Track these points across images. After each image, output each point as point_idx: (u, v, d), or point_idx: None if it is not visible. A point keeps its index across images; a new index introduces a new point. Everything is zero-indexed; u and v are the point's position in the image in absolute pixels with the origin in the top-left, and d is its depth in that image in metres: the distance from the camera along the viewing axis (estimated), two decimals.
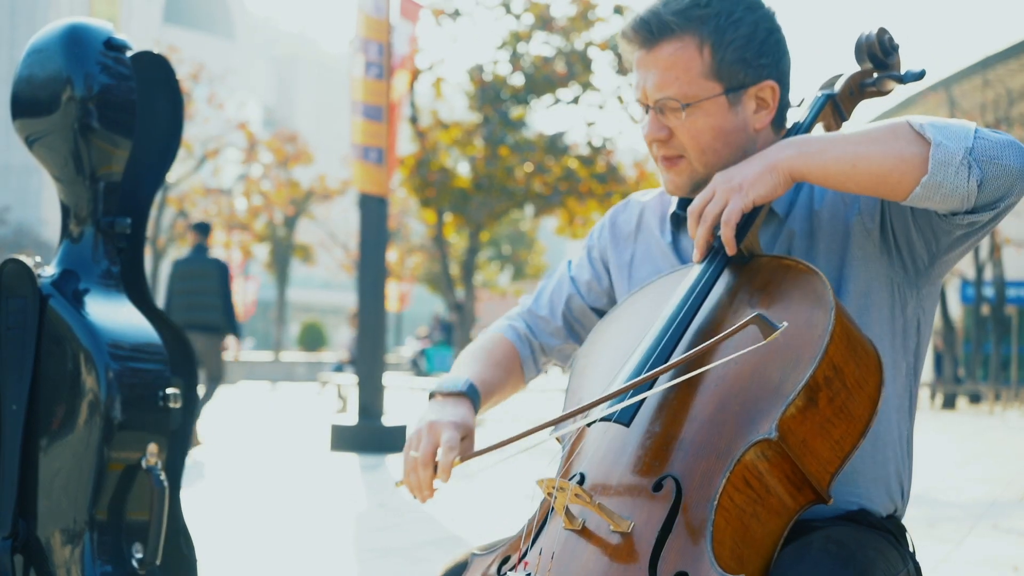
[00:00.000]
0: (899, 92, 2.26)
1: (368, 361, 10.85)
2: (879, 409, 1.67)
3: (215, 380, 10.57)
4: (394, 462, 9.91)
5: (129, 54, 2.50)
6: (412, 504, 7.26)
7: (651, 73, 1.87)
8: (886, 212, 1.85)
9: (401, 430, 10.88)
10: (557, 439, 1.88)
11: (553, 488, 1.67)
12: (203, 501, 6.98)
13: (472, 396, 1.99)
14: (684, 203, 2.04)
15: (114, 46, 2.47)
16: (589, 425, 1.77)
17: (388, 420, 11.04)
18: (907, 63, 2.05)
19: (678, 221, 2.06)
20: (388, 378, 12.38)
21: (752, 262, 1.83)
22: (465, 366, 2.09)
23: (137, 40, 2.70)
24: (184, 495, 2.64)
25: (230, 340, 10.97)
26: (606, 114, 19.44)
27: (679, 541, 1.57)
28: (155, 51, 2.65)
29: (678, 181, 1.93)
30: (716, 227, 1.81)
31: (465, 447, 1.90)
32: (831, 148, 1.73)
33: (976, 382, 27.25)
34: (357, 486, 8.47)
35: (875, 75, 2.03)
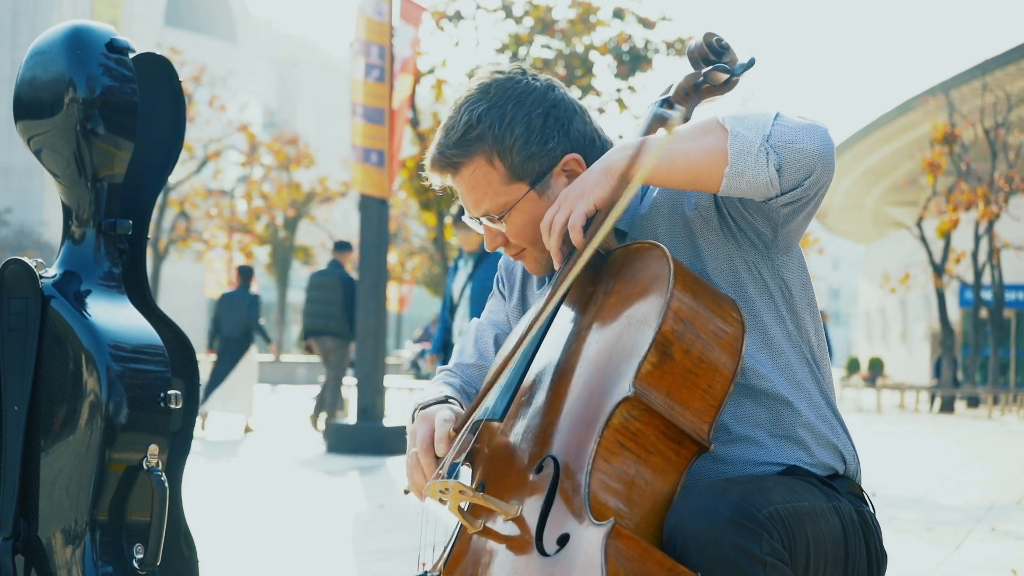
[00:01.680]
0: (896, 95, 2.27)
1: (368, 363, 10.86)
2: (743, 356, 1.73)
3: (338, 379, 12.21)
4: (394, 464, 9.91)
5: (131, 56, 2.51)
6: (412, 506, 7.27)
7: (464, 194, 2.00)
8: (719, 199, 1.92)
9: (401, 431, 10.89)
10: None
11: (438, 492, 1.75)
12: (204, 502, 6.99)
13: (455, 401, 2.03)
14: None
15: (116, 48, 2.48)
16: (473, 432, 1.86)
17: (388, 422, 11.04)
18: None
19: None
20: (388, 380, 12.39)
21: (608, 258, 1.91)
22: (436, 389, 2.10)
23: (138, 42, 2.71)
24: (185, 496, 2.65)
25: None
26: (606, 117, 19.46)
27: (560, 510, 1.63)
28: (157, 53, 2.66)
29: (532, 267, 2.05)
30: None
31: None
32: (655, 147, 1.80)
33: (974, 386, 27.23)
34: (356, 488, 8.47)
35: (703, 72, 2.06)
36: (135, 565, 2.38)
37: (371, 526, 6.49)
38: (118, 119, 2.46)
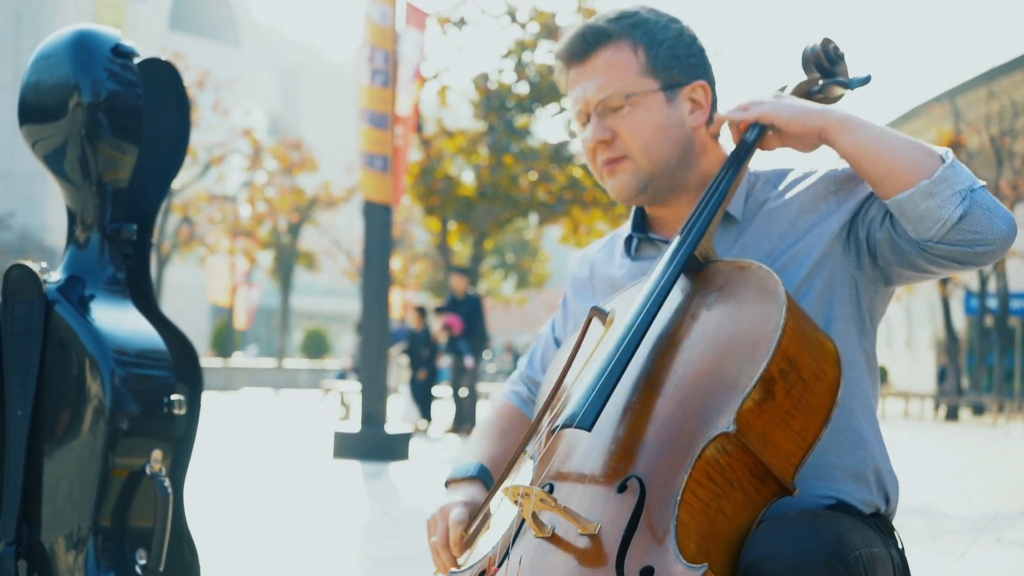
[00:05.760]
0: (902, 103, 2.27)
1: (372, 368, 10.85)
2: (839, 401, 1.70)
3: (474, 381, 15.15)
4: (397, 470, 9.91)
5: (136, 61, 2.51)
6: (416, 512, 7.27)
7: (590, 81, 1.98)
8: (860, 213, 1.91)
9: (404, 438, 10.88)
10: (530, 456, 1.93)
11: (518, 495, 1.72)
12: (206, 507, 6.98)
13: (483, 477, 2.07)
14: (637, 225, 2.10)
15: (121, 53, 2.48)
16: (552, 433, 1.82)
17: (391, 428, 11.03)
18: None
19: (631, 248, 2.11)
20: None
21: (708, 267, 1.88)
22: (475, 445, 2.17)
23: (142, 47, 2.70)
24: (188, 501, 2.64)
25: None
26: None
27: (644, 538, 1.60)
28: (161, 58, 2.65)
29: (623, 181, 2.00)
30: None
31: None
32: (871, 130, 1.85)
33: (979, 393, 27.20)
34: (360, 494, 8.46)
35: (820, 82, 2.07)
36: (138, 571, 2.37)
37: (375, 532, 6.49)
38: (123, 124, 2.46)
